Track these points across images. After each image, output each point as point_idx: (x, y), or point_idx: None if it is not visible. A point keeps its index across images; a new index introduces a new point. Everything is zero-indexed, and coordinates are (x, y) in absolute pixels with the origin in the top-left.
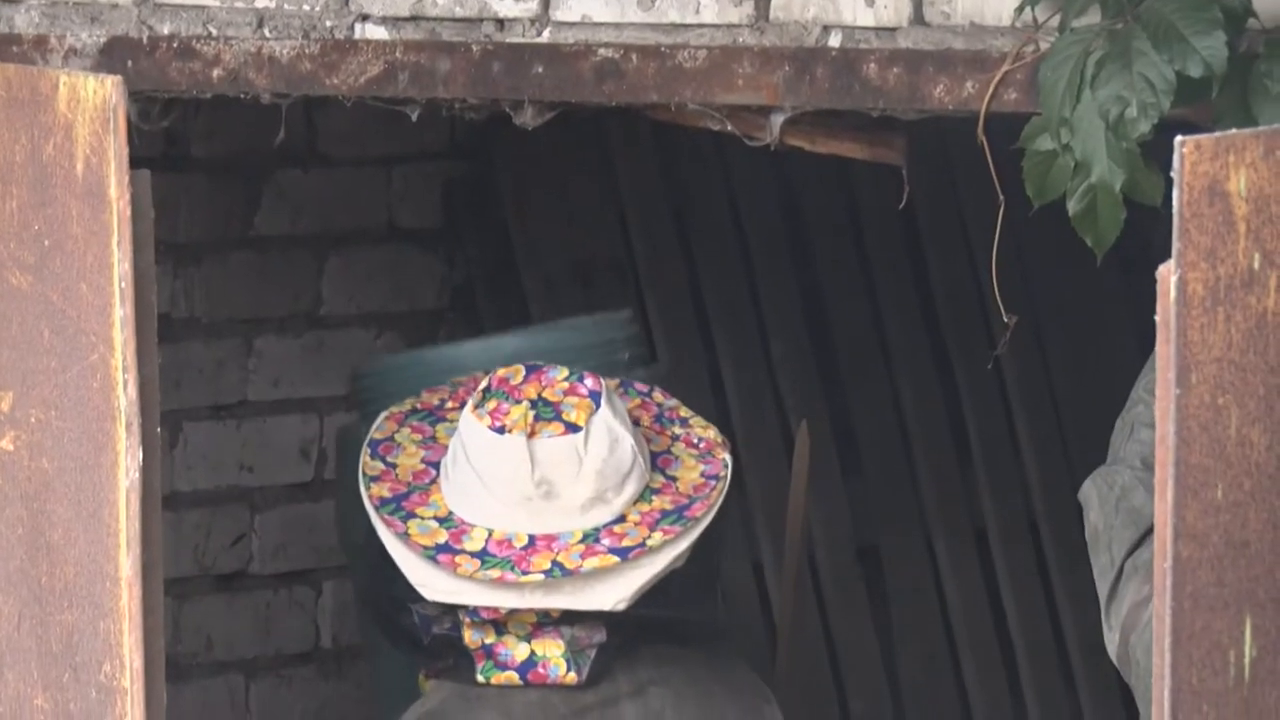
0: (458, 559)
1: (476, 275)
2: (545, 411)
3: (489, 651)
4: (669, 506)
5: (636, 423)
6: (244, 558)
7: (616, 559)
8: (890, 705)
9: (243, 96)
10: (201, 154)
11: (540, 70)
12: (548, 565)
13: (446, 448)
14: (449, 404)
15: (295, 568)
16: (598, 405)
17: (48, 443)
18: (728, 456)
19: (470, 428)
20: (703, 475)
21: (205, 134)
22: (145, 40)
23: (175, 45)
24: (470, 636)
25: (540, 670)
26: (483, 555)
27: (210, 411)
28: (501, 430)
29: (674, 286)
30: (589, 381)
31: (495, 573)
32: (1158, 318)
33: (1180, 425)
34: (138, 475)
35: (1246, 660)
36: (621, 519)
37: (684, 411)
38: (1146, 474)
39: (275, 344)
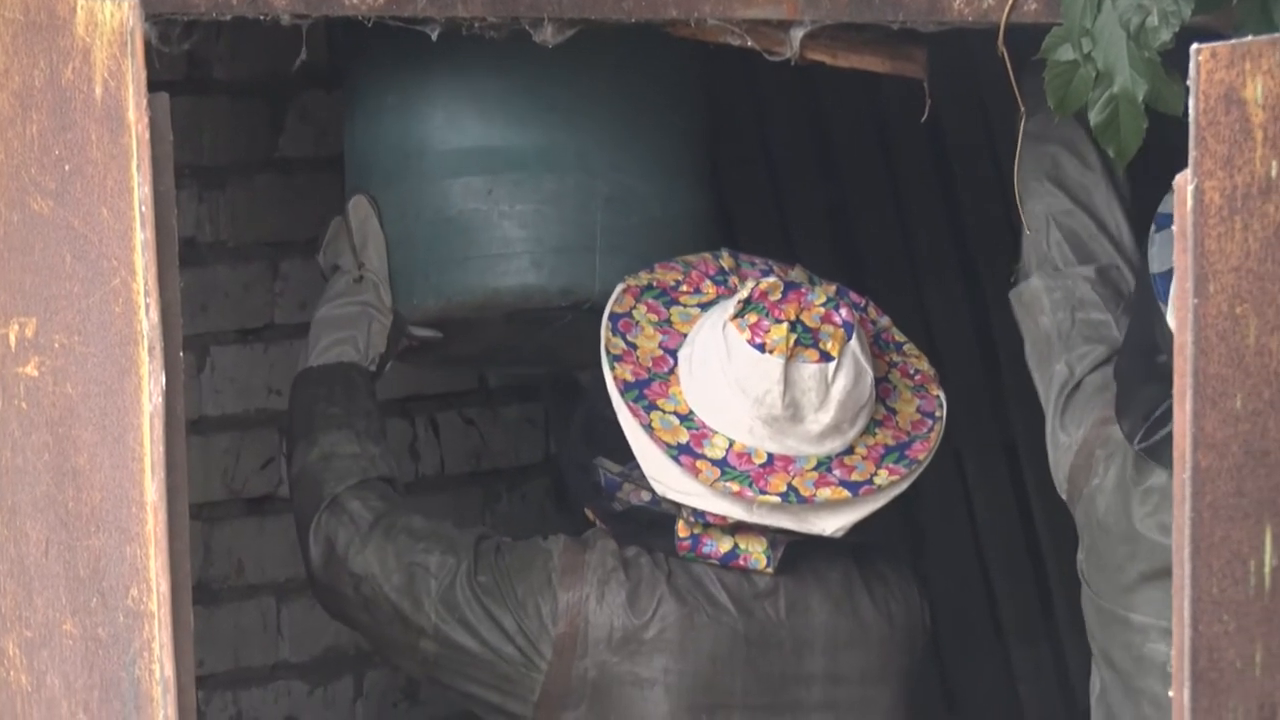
0: (699, 464)
1: None
2: (804, 337)
3: (695, 541)
4: (891, 442)
5: None
6: (273, 481)
7: (847, 493)
8: None
9: (262, 18)
10: (224, 76)
11: None
12: (783, 488)
13: (681, 335)
14: (683, 286)
15: None
16: (849, 337)
17: (72, 368)
18: (941, 394)
19: (730, 338)
20: (920, 412)
21: (227, 56)
22: None
23: None
24: (681, 525)
25: (740, 561)
26: (723, 465)
27: (237, 335)
28: (762, 348)
29: None
30: (843, 312)
31: (734, 486)
32: (1175, 227)
33: (1198, 335)
34: (161, 400)
35: (1267, 570)
36: (850, 450)
37: (898, 335)
38: (1104, 288)
39: (301, 267)
